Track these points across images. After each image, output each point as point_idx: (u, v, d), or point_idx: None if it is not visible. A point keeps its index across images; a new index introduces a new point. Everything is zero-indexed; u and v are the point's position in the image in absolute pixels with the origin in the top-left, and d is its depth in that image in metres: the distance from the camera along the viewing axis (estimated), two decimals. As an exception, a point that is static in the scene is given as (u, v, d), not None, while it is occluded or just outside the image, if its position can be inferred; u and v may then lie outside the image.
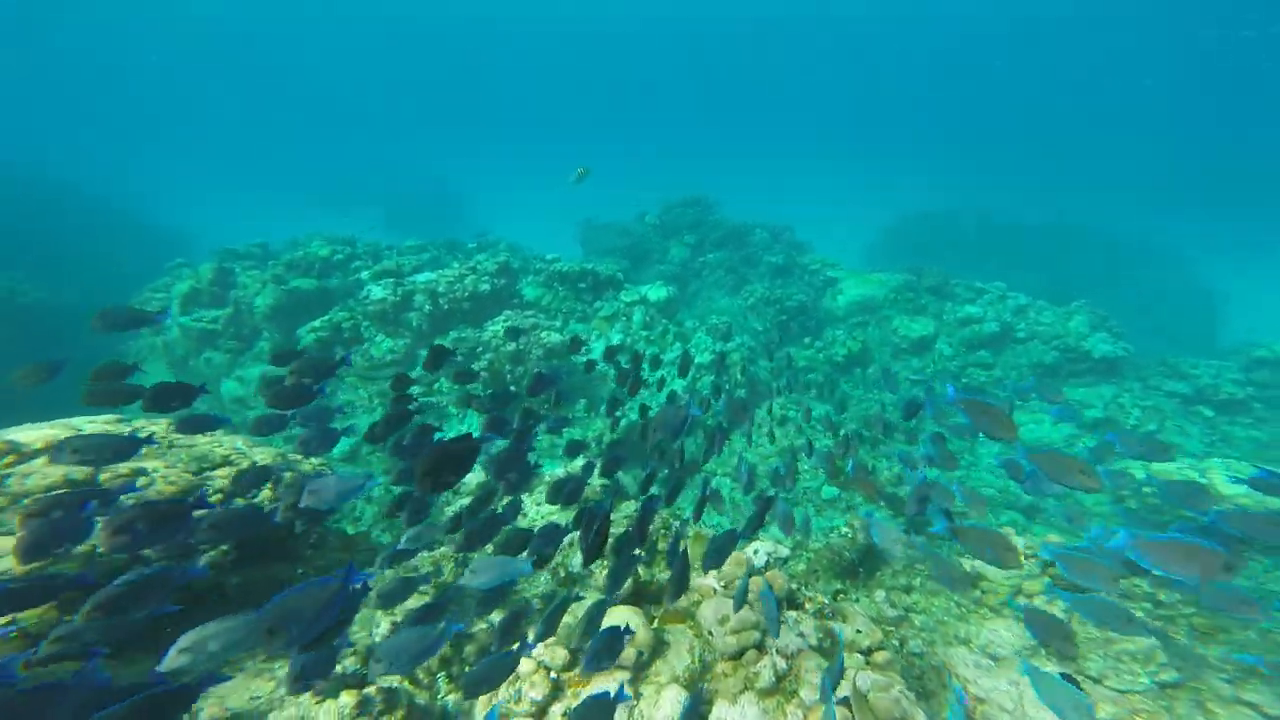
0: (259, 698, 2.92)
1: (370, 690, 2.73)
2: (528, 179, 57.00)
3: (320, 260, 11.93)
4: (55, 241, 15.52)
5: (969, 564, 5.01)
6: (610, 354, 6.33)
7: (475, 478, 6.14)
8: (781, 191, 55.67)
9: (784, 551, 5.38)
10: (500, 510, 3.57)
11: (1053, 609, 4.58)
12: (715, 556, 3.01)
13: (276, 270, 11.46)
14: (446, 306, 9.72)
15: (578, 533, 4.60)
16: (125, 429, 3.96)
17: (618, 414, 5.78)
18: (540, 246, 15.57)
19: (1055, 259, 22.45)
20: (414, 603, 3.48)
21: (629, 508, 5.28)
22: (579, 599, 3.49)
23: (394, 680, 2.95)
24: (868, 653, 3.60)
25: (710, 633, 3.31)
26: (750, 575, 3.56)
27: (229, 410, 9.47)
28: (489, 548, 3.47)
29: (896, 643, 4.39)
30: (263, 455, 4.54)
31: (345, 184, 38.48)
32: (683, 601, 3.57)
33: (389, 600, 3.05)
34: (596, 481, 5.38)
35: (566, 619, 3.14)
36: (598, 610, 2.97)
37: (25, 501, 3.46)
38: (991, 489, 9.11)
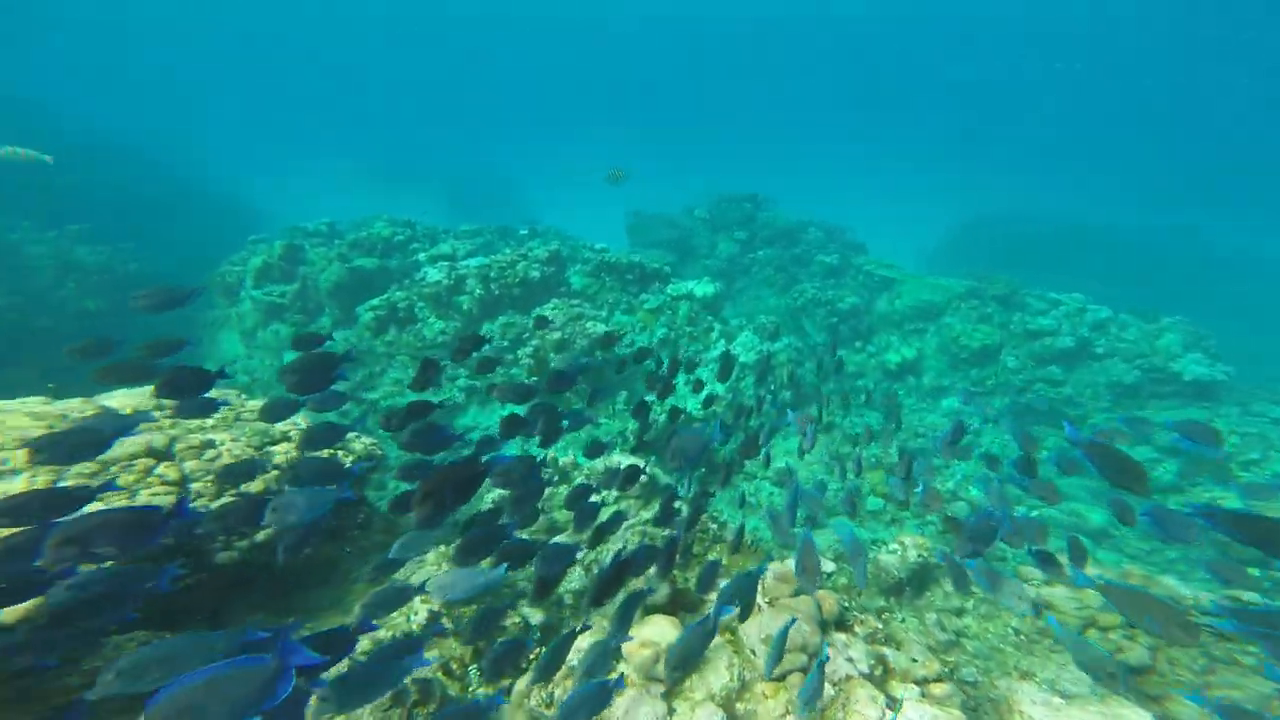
0: None
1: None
2: (580, 164, 57.34)
3: (382, 240, 12.25)
4: (150, 214, 16.61)
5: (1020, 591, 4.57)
6: (641, 356, 6.13)
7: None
8: (834, 191, 53.81)
9: (829, 566, 5.07)
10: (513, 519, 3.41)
11: (1136, 646, 4.10)
12: (732, 599, 2.75)
13: (341, 249, 11.84)
14: (497, 291, 9.77)
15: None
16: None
17: (649, 418, 5.50)
18: (589, 235, 15.50)
19: (1146, 270, 20.58)
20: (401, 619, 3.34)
21: (649, 514, 5.09)
22: (586, 629, 3.17)
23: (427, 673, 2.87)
24: (923, 683, 3.30)
25: (753, 651, 3.08)
26: (797, 595, 3.31)
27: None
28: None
29: (948, 670, 4.04)
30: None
31: (416, 166, 39.56)
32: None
33: (376, 612, 2.82)
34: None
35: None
36: (600, 658, 2.57)
37: (114, 468, 3.57)
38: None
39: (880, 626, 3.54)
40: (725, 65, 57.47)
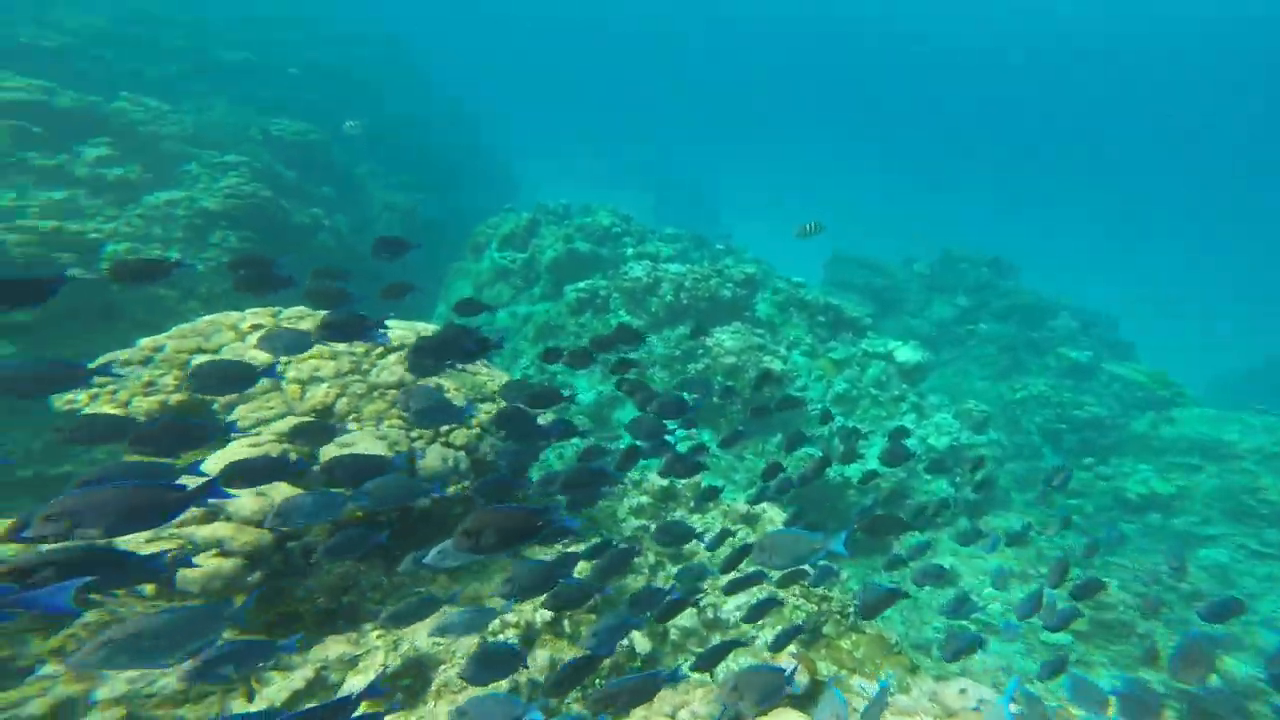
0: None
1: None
2: (785, 189, 55.14)
3: (601, 229, 13.21)
4: (441, 172, 20.25)
5: None
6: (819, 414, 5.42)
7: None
8: (1093, 272, 43.31)
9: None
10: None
11: None
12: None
13: (568, 230, 13.05)
14: (686, 301, 9.77)
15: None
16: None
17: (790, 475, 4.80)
18: (776, 258, 14.71)
19: None
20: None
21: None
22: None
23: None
24: None
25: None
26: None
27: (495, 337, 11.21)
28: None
29: None
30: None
31: (631, 165, 42.04)
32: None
33: (399, 620, 2.63)
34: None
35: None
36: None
37: (374, 393, 4.13)
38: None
39: None
40: (1006, 102, 49.91)
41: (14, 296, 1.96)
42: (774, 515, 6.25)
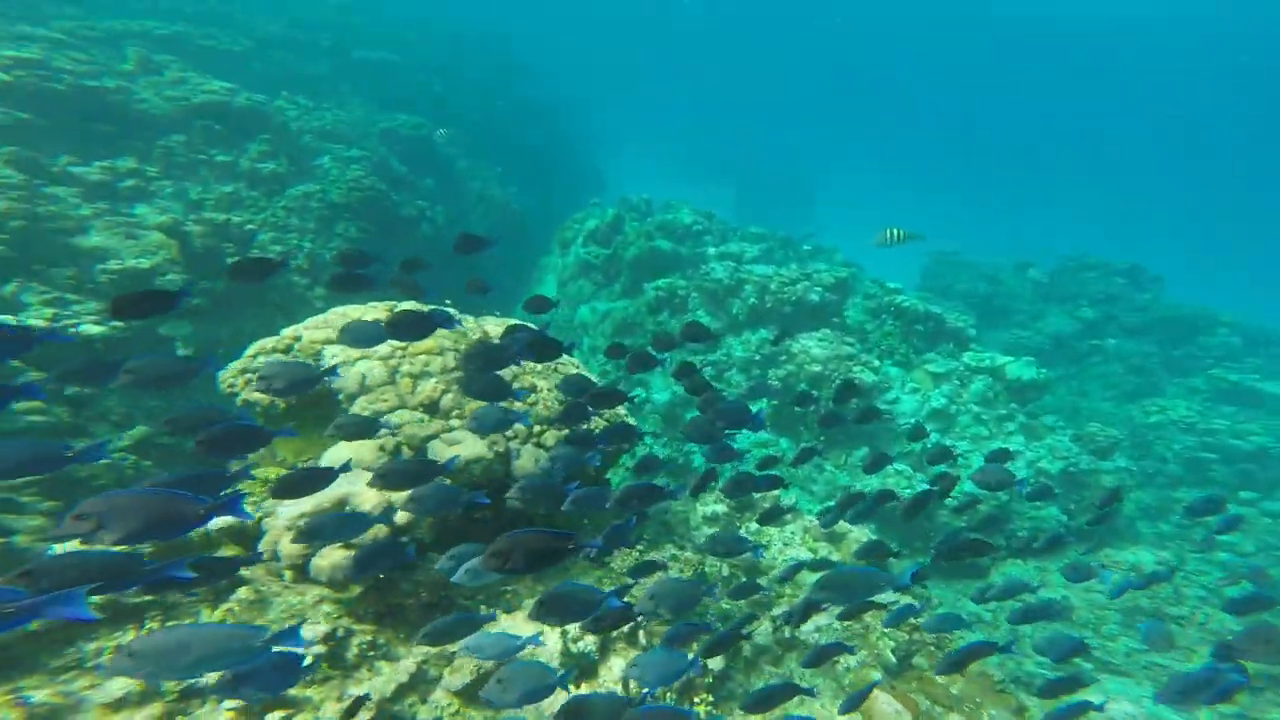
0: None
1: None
2: (878, 185, 51.25)
3: (682, 227, 13.04)
4: (532, 166, 20.84)
5: None
6: (916, 435, 4.91)
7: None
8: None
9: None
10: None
11: None
12: None
13: (649, 227, 13.01)
14: (769, 305, 9.38)
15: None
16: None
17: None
18: (866, 260, 13.68)
19: None
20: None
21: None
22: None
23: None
24: None
25: None
26: None
27: (574, 333, 11.44)
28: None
29: None
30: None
31: (710, 155, 40.72)
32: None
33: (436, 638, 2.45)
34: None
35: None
36: None
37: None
38: None
39: None
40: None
41: (149, 306, 2.32)
42: (858, 535, 5.86)
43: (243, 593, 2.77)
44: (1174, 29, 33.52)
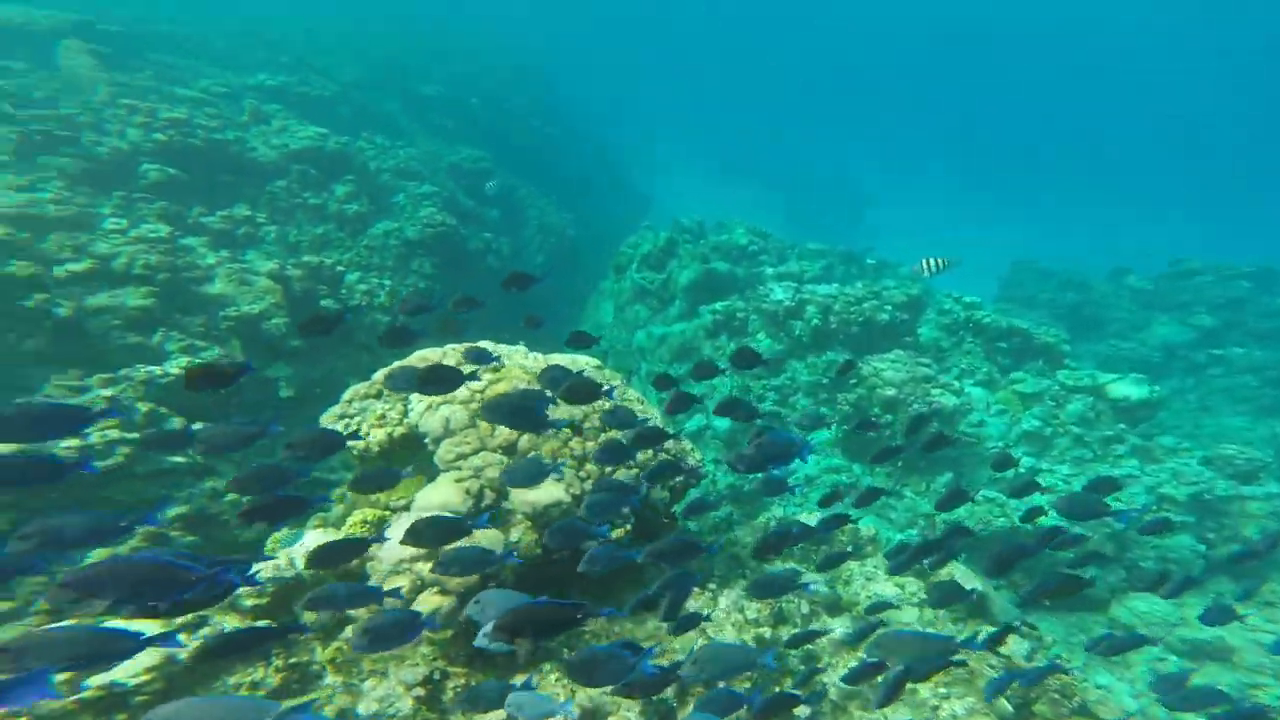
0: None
1: None
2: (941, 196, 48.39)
3: (738, 248, 12.83)
4: (581, 192, 21.29)
5: None
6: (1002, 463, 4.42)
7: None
8: None
9: None
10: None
11: None
12: None
13: (704, 250, 12.90)
14: (834, 325, 8.97)
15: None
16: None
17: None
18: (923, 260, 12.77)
19: None
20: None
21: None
22: None
23: None
24: None
25: None
26: None
27: (633, 359, 11.42)
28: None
29: None
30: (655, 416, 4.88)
31: (758, 165, 39.42)
32: None
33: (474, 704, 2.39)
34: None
35: None
36: None
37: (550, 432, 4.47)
38: None
39: None
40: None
41: (215, 381, 2.51)
42: (957, 573, 5.34)
43: (349, 631, 2.87)
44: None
